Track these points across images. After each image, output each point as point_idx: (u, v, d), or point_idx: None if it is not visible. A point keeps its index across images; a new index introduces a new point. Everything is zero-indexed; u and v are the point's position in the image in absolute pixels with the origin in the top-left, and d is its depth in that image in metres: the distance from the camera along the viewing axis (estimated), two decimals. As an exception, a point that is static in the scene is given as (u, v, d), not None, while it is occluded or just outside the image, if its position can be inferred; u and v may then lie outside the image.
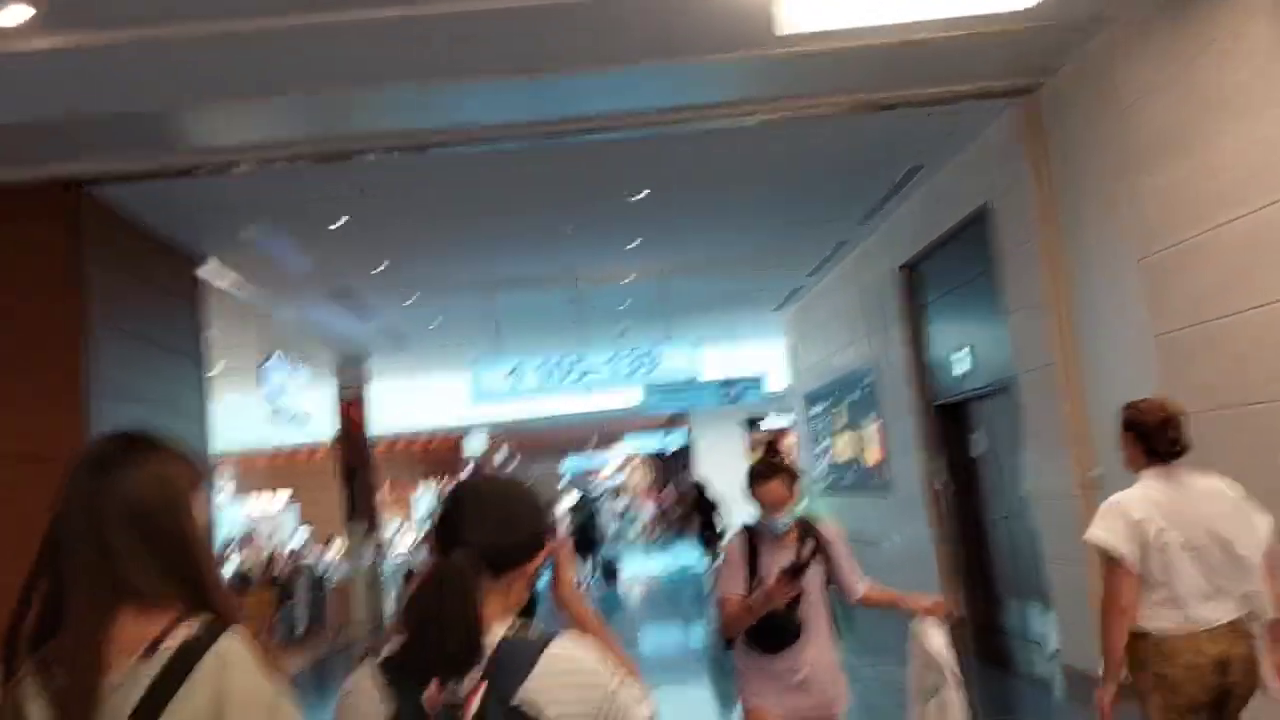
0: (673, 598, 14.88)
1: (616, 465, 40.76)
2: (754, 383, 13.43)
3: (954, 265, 7.53)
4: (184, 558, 1.37)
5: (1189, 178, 4.47)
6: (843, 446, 10.95)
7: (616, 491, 33.20)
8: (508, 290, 9.63)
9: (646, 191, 7.14)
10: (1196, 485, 2.93)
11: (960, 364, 7.53)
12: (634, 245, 8.58)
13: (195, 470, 1.44)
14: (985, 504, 7.65)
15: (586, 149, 6.11)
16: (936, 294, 7.99)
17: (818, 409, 12.03)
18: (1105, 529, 2.89)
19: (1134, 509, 2.86)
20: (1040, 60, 5.39)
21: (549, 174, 6.55)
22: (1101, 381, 5.46)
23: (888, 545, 9.43)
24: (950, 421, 8.00)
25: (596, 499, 23.11)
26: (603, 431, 27.01)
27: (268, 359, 9.39)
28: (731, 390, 13.46)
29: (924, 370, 8.27)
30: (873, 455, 9.76)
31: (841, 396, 10.75)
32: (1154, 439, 2.92)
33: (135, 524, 1.35)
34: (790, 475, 3.26)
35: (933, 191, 7.52)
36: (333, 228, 7.01)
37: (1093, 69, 5.13)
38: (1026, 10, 4.42)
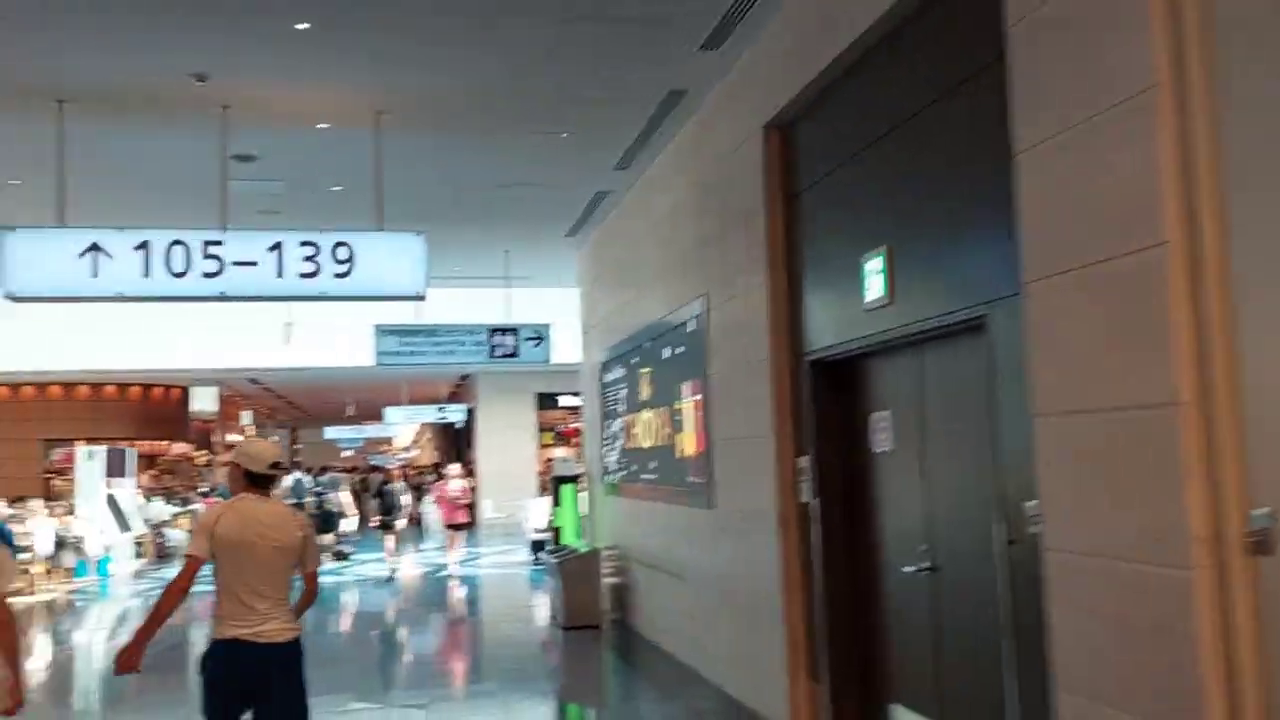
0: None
1: (410, 437, 35.23)
2: (537, 336, 9.74)
3: (873, 106, 4.11)
4: None
5: None
6: (643, 429, 7.46)
7: (400, 473, 26.47)
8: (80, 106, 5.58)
9: None
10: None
11: (868, 287, 4.12)
12: (304, 27, 4.72)
13: None
14: (888, 541, 4.29)
15: None
16: (826, 166, 4.54)
17: (613, 376, 8.49)
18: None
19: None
20: None
21: None
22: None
23: (697, 583, 6.00)
24: (835, 392, 4.61)
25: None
26: (367, 400, 22.63)
27: None
28: (505, 343, 9.72)
29: (794, 306, 4.83)
30: (689, 444, 6.30)
31: (648, 356, 7.25)
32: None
33: None
34: None
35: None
36: None
37: None
38: None
